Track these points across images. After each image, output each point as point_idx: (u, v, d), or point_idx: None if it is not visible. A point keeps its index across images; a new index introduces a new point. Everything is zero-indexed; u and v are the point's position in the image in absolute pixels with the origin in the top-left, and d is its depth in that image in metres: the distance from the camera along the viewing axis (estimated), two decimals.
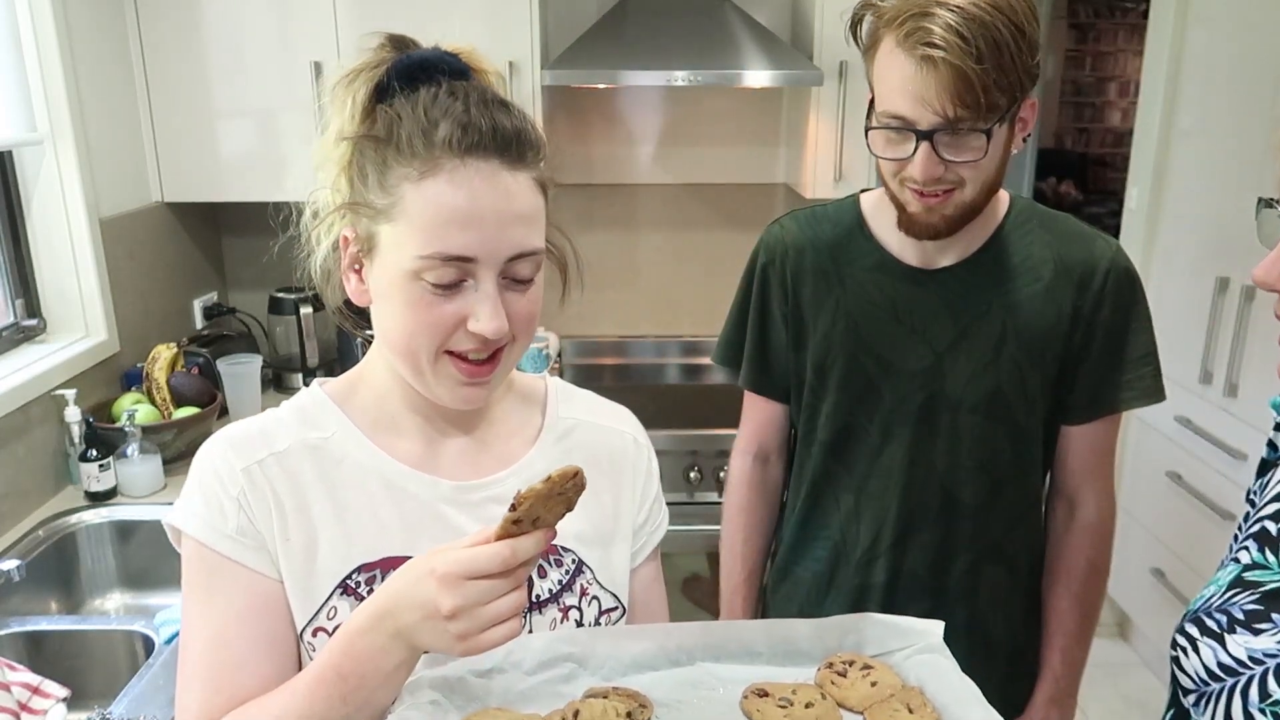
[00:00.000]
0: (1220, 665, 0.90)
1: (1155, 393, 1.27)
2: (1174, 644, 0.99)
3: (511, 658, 0.81)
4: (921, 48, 1.04)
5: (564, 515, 0.73)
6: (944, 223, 1.17)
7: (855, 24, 1.16)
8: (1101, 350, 1.24)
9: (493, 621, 0.69)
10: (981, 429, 1.24)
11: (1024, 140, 1.17)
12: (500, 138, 0.77)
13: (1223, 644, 0.90)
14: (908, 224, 1.19)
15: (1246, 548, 0.99)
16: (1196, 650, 0.93)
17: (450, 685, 0.78)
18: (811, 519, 1.37)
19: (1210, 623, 0.94)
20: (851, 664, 0.84)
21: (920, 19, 1.04)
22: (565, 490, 0.71)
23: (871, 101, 1.15)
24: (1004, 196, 1.26)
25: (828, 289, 1.30)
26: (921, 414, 1.26)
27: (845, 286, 1.29)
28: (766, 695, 0.81)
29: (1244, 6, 2.44)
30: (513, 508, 0.69)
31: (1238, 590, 0.94)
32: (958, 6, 1.04)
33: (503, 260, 0.77)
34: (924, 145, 1.09)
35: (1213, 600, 0.97)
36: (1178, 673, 0.96)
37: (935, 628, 0.86)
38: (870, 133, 1.15)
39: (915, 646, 0.85)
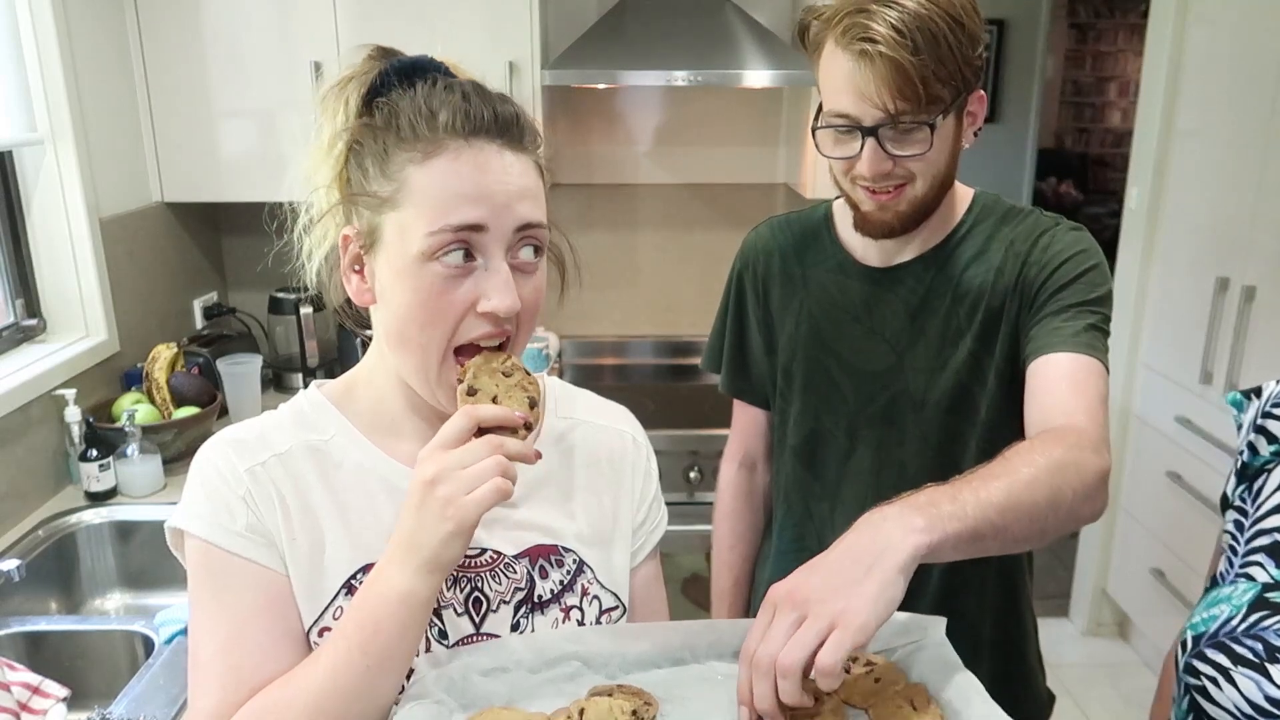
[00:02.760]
0: (1270, 699, 0.84)
1: (1080, 347, 1.09)
2: (1192, 670, 0.92)
3: (515, 656, 0.82)
4: (858, 43, 1.06)
5: (531, 410, 0.79)
6: (897, 219, 1.17)
7: (802, 32, 1.17)
8: (1034, 307, 1.17)
9: (474, 481, 0.72)
10: (948, 426, 1.24)
11: (974, 135, 1.17)
12: (501, 120, 0.79)
13: (1266, 675, 0.85)
14: (862, 223, 1.20)
15: (1259, 564, 0.93)
16: (1232, 681, 0.87)
17: (455, 685, 0.78)
18: (788, 529, 1.37)
19: (1241, 650, 0.88)
20: (854, 660, 0.84)
21: (856, 15, 1.06)
22: (508, 371, 0.79)
23: (820, 105, 1.16)
24: (966, 194, 1.26)
25: (793, 292, 1.31)
26: (886, 415, 1.25)
27: (809, 289, 1.30)
28: None
29: (1244, 6, 2.44)
30: (459, 380, 0.78)
31: (1265, 613, 0.89)
32: (894, 2, 1.05)
33: (510, 231, 0.78)
34: (869, 141, 1.10)
35: (1234, 624, 0.91)
36: (1205, 704, 0.91)
37: (937, 624, 0.86)
38: (817, 134, 1.16)
39: (917, 643, 0.85)
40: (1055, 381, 1.08)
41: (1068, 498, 0.92)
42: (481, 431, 0.76)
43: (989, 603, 1.30)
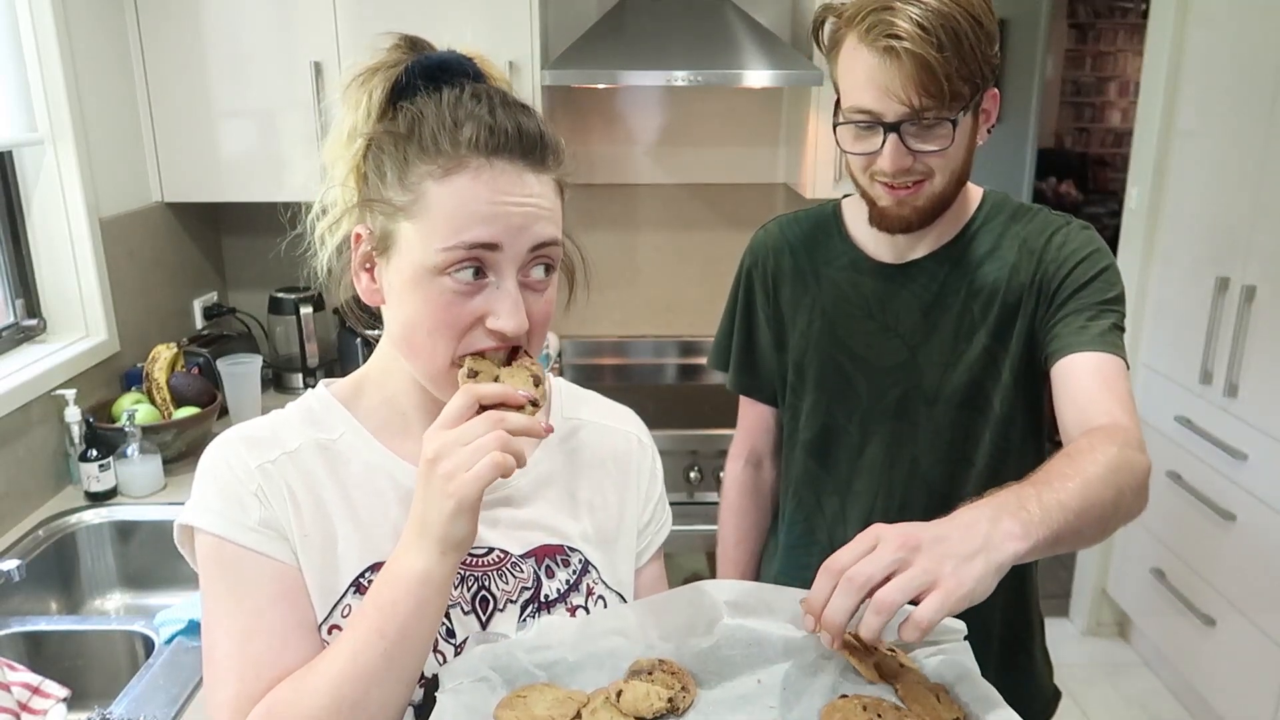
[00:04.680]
0: None
1: (1106, 346, 1.12)
2: None
3: (559, 634, 0.83)
4: (884, 40, 1.07)
5: (535, 389, 0.78)
6: (915, 214, 1.18)
7: (817, 27, 1.18)
8: (1053, 306, 1.19)
9: (474, 456, 0.72)
10: (961, 421, 1.24)
11: (988, 131, 1.19)
12: (525, 140, 0.78)
13: None
14: (879, 218, 1.21)
15: None
16: None
17: (500, 661, 0.79)
18: (797, 525, 1.37)
19: None
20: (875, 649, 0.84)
21: (881, 13, 1.07)
22: (526, 365, 0.79)
23: (837, 102, 1.17)
24: (977, 192, 1.27)
25: (804, 289, 1.32)
26: (899, 410, 1.26)
27: (821, 286, 1.31)
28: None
29: (1244, 6, 2.44)
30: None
31: None
32: (916, 0, 1.07)
33: (525, 251, 0.77)
34: (891, 137, 1.11)
35: None
36: None
37: (957, 626, 0.86)
38: (838, 129, 1.17)
39: (938, 646, 0.85)
40: (1087, 380, 1.10)
41: (1127, 497, 0.93)
42: (485, 410, 0.76)
43: (999, 598, 1.30)
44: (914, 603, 0.74)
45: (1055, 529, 0.83)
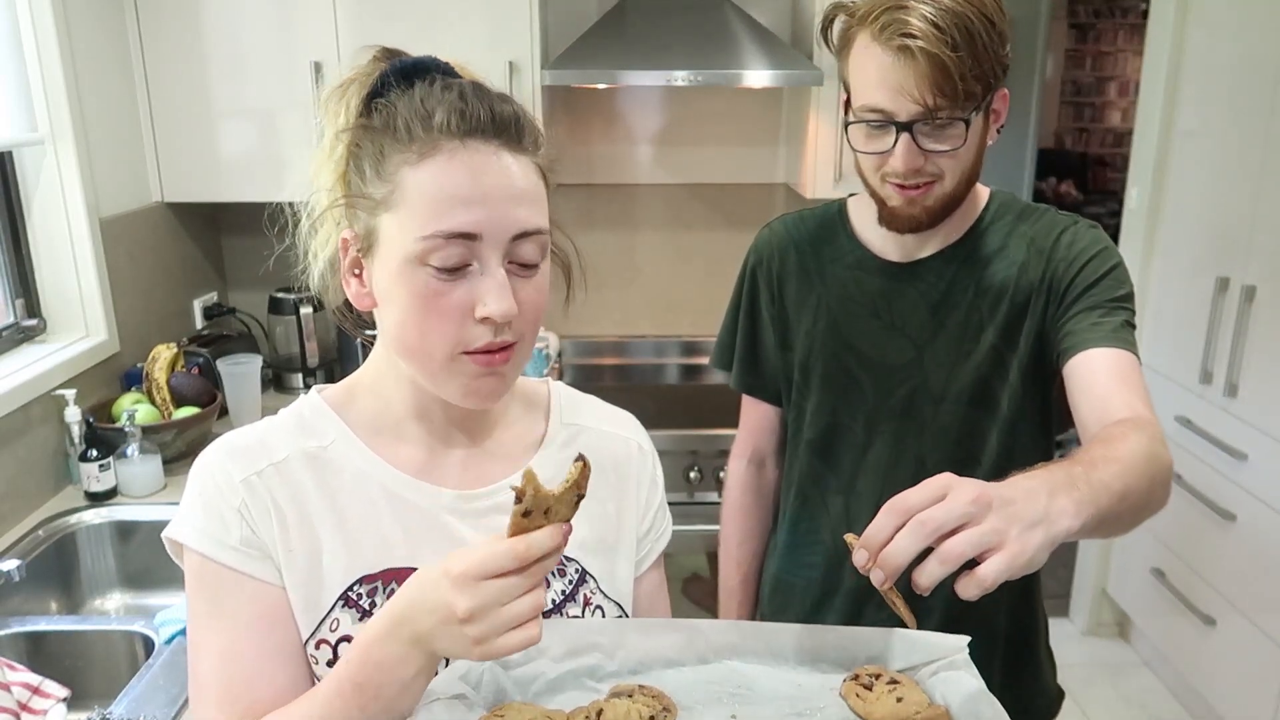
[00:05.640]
0: None
1: (1121, 343, 1.11)
2: None
3: (540, 643, 0.81)
4: (899, 39, 1.06)
5: (578, 506, 0.71)
6: (926, 214, 1.18)
7: (826, 26, 1.18)
8: (1064, 304, 1.18)
9: (510, 624, 0.67)
10: (968, 419, 1.24)
11: (998, 131, 1.19)
12: (498, 121, 0.77)
13: None
14: (890, 218, 1.21)
15: None
16: None
17: (478, 678, 0.78)
18: (801, 523, 1.37)
19: None
20: (878, 677, 0.83)
21: (895, 12, 1.07)
22: (575, 477, 0.71)
23: (848, 101, 1.17)
24: (984, 191, 1.27)
25: (809, 288, 1.32)
26: (904, 408, 1.26)
27: (826, 284, 1.30)
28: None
29: (1244, 6, 2.44)
30: (517, 499, 0.68)
31: None
32: None
33: (507, 239, 0.76)
34: (904, 137, 1.11)
35: None
36: None
37: (959, 642, 0.85)
38: (850, 129, 1.17)
39: (940, 662, 0.84)
40: (1104, 375, 1.09)
41: (1157, 489, 0.93)
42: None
43: (1004, 596, 1.30)
44: (970, 563, 0.72)
45: (1101, 510, 0.81)
